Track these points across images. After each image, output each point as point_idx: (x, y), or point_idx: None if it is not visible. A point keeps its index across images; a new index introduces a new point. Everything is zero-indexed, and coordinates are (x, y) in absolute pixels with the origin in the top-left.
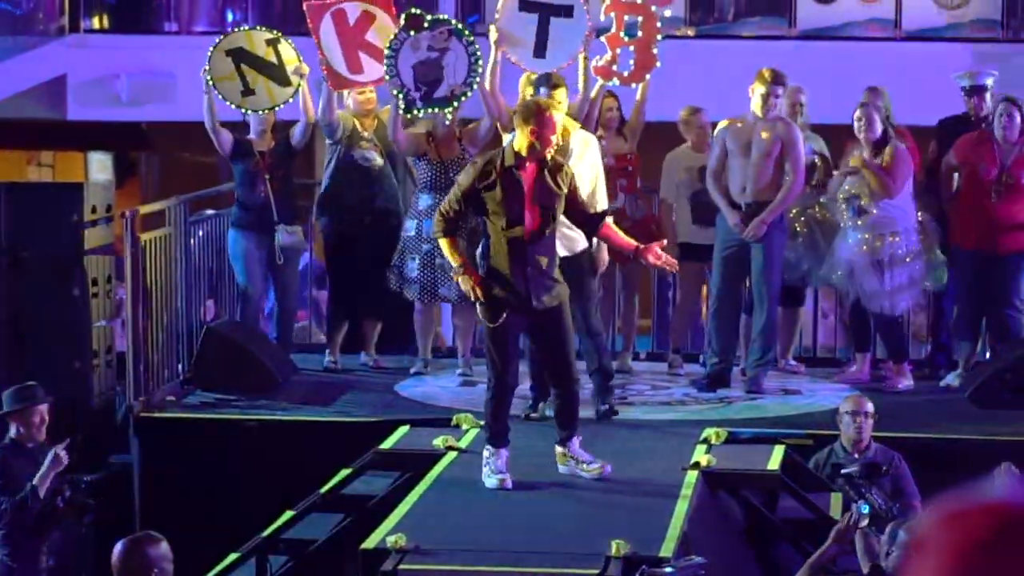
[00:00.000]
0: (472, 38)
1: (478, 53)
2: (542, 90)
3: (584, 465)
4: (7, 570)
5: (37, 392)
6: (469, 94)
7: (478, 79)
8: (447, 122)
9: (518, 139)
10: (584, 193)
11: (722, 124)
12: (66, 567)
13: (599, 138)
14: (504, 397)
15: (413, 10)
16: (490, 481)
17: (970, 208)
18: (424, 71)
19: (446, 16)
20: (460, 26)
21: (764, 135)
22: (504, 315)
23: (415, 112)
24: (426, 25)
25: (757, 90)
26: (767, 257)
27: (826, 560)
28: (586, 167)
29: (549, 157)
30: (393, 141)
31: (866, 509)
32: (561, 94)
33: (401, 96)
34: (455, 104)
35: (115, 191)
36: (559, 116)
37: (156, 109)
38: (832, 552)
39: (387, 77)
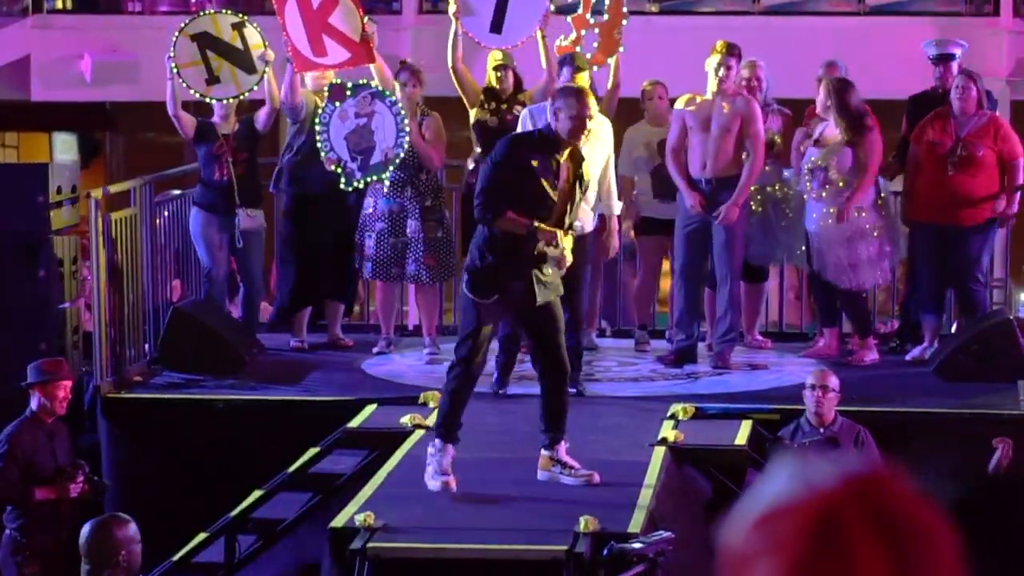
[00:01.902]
0: (395, 97)
1: (403, 112)
2: (565, 71)
3: (571, 471)
4: (17, 545)
5: (63, 367)
6: (401, 154)
7: (407, 137)
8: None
9: (561, 123)
10: (595, 176)
11: (681, 101)
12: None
13: None
14: (466, 387)
15: (333, 80)
16: (433, 484)
17: (928, 182)
18: (356, 140)
19: (364, 80)
20: (380, 87)
21: (723, 111)
22: (495, 297)
23: (355, 184)
24: (348, 93)
25: (711, 62)
26: (728, 233)
27: None
28: (600, 149)
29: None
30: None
31: None
32: (584, 78)
33: (340, 171)
34: (390, 168)
35: (80, 172)
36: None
37: (120, 89)
38: None
39: (322, 153)
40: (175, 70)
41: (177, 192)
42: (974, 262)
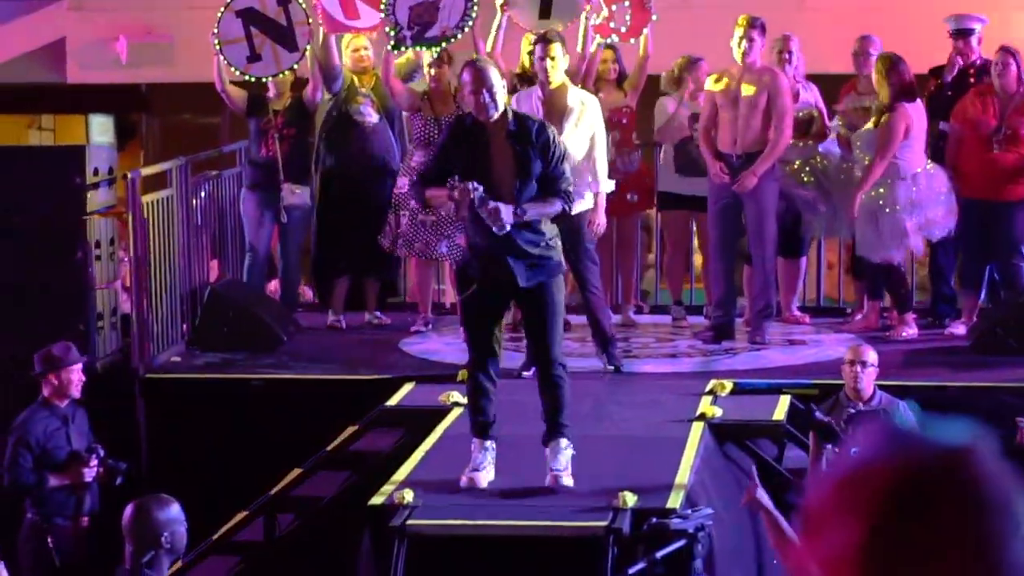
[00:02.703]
0: None
1: (476, 1)
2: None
3: (550, 472)
4: (36, 530)
5: (71, 351)
6: (459, 36)
7: (471, 24)
8: (431, 70)
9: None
10: (579, 156)
11: (710, 79)
12: (98, 530)
13: (595, 93)
14: (480, 386)
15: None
16: (462, 479)
17: (972, 159)
18: (419, 12)
19: None
20: None
21: (750, 86)
22: (472, 288)
23: (403, 49)
24: None
25: (735, 36)
26: (760, 208)
27: None
28: (584, 128)
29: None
30: (386, 87)
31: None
32: (556, 49)
33: (393, 33)
34: (443, 44)
35: (117, 153)
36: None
37: (156, 71)
38: None
39: (384, 13)
40: (218, 46)
41: (213, 173)
42: (1017, 238)
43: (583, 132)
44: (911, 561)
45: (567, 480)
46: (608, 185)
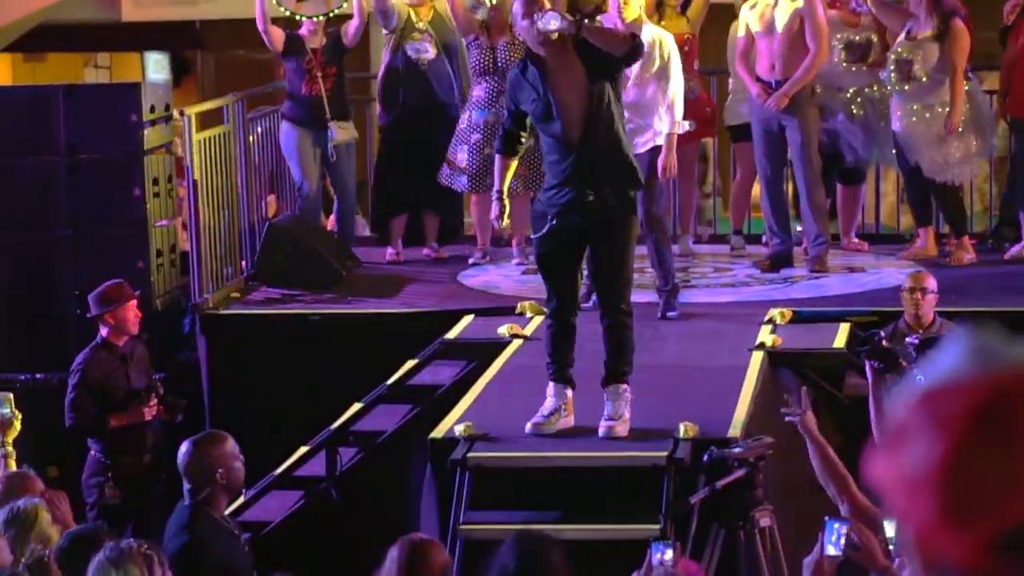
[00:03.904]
0: None
1: None
2: None
3: (602, 420)
4: (100, 467)
5: (123, 289)
6: None
7: None
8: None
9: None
10: (651, 94)
11: (745, 6)
12: (161, 465)
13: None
14: (556, 329)
15: None
16: (527, 426)
17: None
18: None
19: None
20: None
21: (784, 11)
22: (547, 228)
23: None
24: None
25: None
26: (802, 135)
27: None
28: (658, 66)
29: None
30: (450, 8)
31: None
32: None
33: None
34: None
35: (172, 90)
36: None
37: (210, 7)
38: None
39: None
40: None
41: (269, 108)
42: None
43: (657, 70)
44: (992, 480)
45: (620, 431)
46: (681, 126)
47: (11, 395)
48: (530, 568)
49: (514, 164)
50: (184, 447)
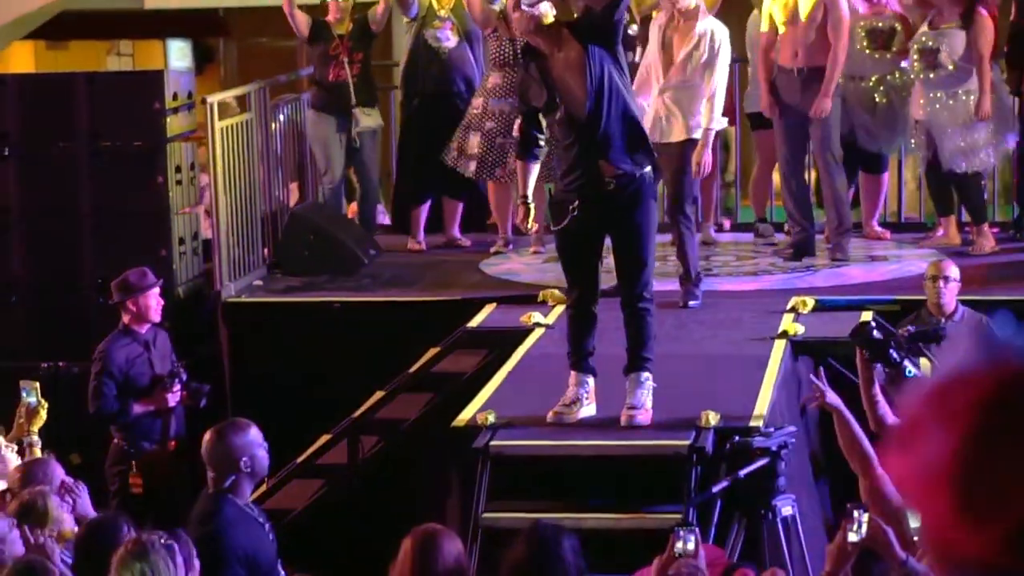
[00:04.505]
0: None
1: None
2: None
3: (624, 409)
4: (123, 455)
5: (146, 276)
6: None
7: None
8: None
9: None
10: (695, 85)
11: None
12: (184, 453)
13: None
14: (576, 320)
15: None
16: (548, 414)
17: None
18: None
19: None
20: None
21: (807, 2)
22: (567, 218)
23: None
24: None
25: None
26: (822, 127)
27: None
28: (706, 58)
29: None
30: (467, 5)
31: (910, 373)
32: None
33: None
34: None
35: (195, 78)
36: None
37: None
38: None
39: None
40: None
41: (291, 96)
42: None
43: (704, 61)
44: (1006, 472)
45: (641, 418)
46: (720, 123)
47: (38, 384)
48: (542, 559)
49: (535, 168)
50: (208, 435)
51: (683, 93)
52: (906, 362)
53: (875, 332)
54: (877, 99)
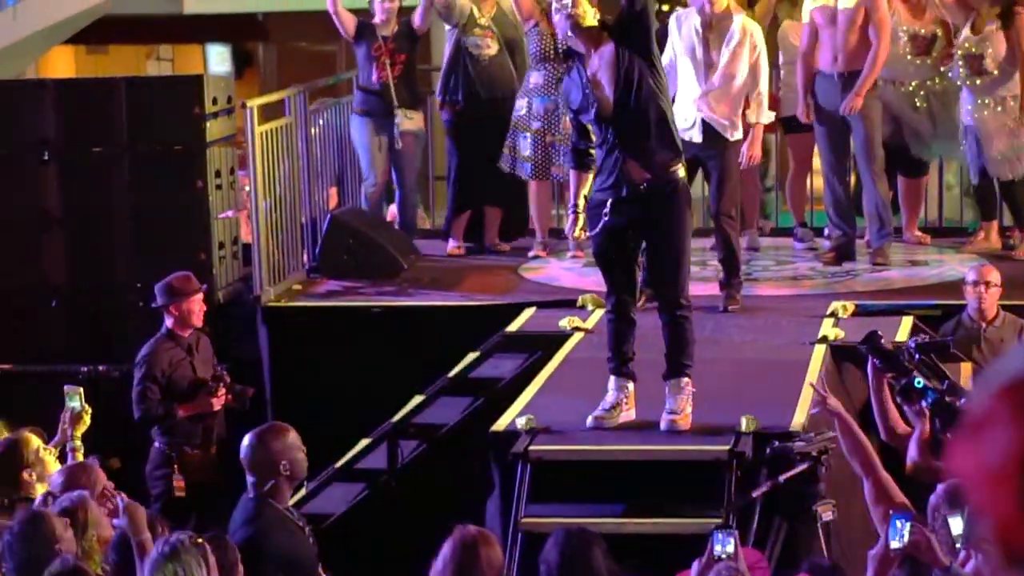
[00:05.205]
0: None
1: None
2: None
3: (664, 414)
4: (165, 458)
5: (191, 281)
6: None
7: None
8: None
9: None
10: (738, 84)
11: (808, 1)
12: (225, 456)
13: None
14: (615, 324)
15: None
16: (588, 420)
17: None
18: None
19: None
20: None
21: (847, 5)
22: (603, 223)
23: None
24: None
25: None
26: (865, 128)
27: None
28: (745, 57)
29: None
30: None
31: (920, 384)
32: None
33: None
34: None
35: (234, 82)
36: None
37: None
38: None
39: None
40: None
41: (331, 100)
42: None
43: (743, 60)
44: None
45: (682, 424)
46: (768, 116)
47: (81, 389)
48: (573, 564)
49: (589, 177)
50: (247, 440)
51: (728, 94)
52: (915, 373)
53: (884, 342)
54: (917, 104)
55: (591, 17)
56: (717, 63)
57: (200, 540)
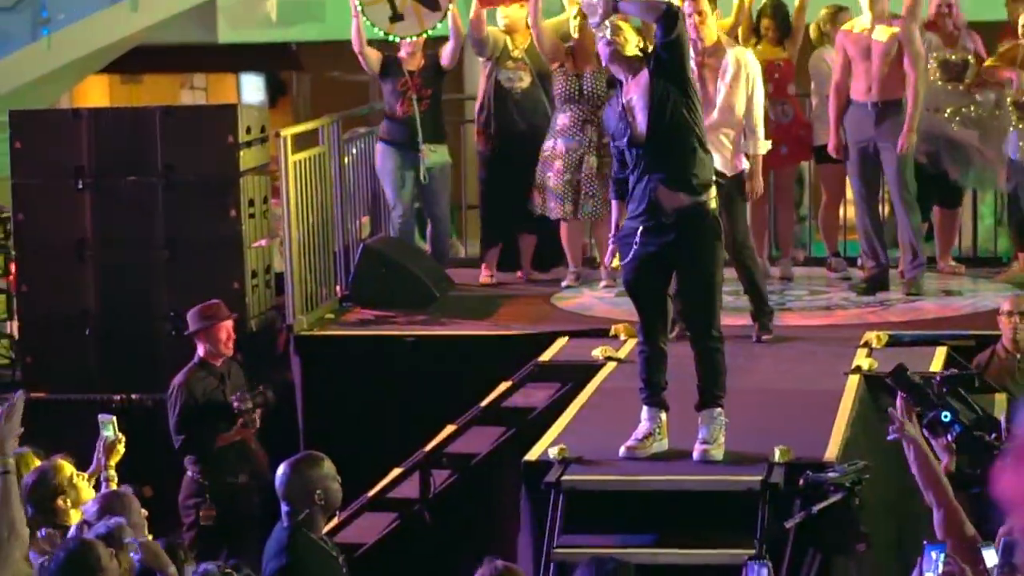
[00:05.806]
0: None
1: None
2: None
3: (697, 444)
4: (197, 488)
5: (221, 309)
6: None
7: None
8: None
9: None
10: (737, 115)
11: (841, 31)
12: (257, 485)
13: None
14: (646, 352)
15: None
16: (621, 450)
17: None
18: None
19: None
20: None
21: (882, 35)
22: (628, 257)
23: None
24: None
25: None
26: (898, 161)
27: None
28: (741, 88)
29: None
30: (532, 30)
31: (947, 417)
32: (704, 4)
33: None
34: None
35: (268, 112)
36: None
37: (306, 29)
38: None
39: None
40: (360, 7)
41: (364, 130)
42: None
43: (740, 92)
44: None
45: (715, 454)
46: (765, 146)
47: (115, 418)
48: None
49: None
50: (282, 469)
51: (728, 128)
52: (941, 406)
53: (910, 375)
54: (955, 128)
55: (632, 46)
56: (715, 98)
57: (229, 570)
